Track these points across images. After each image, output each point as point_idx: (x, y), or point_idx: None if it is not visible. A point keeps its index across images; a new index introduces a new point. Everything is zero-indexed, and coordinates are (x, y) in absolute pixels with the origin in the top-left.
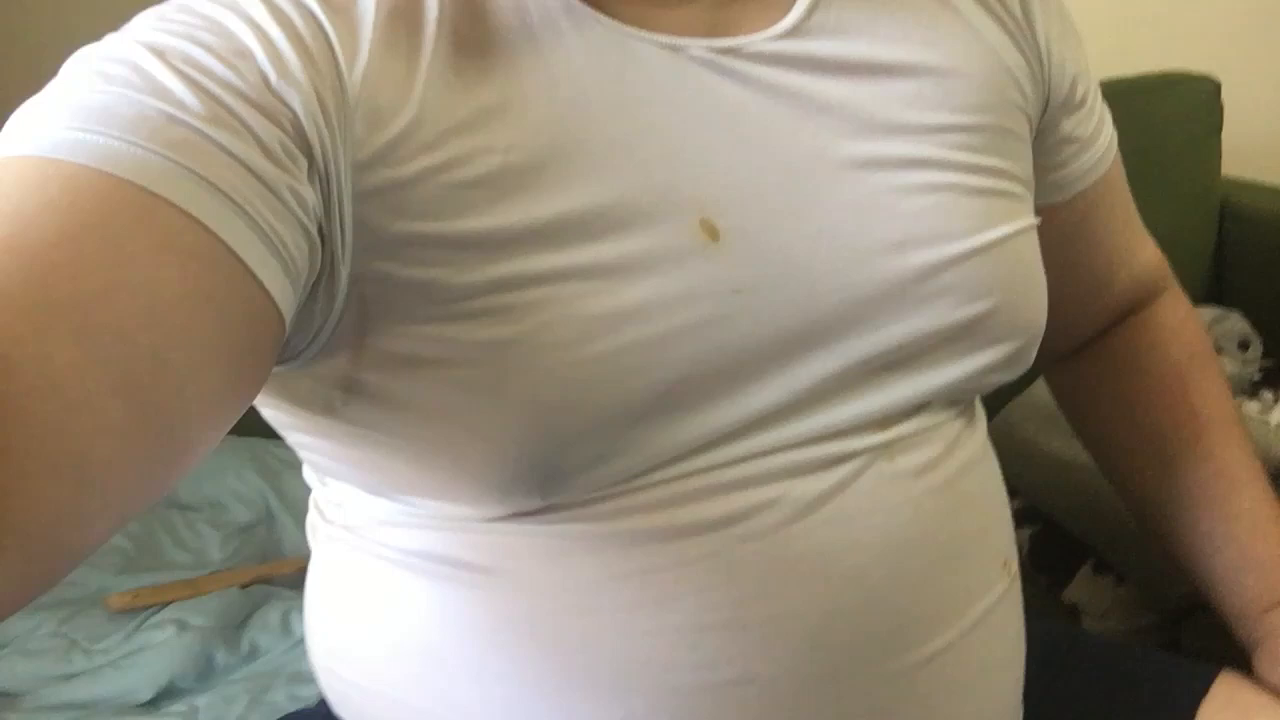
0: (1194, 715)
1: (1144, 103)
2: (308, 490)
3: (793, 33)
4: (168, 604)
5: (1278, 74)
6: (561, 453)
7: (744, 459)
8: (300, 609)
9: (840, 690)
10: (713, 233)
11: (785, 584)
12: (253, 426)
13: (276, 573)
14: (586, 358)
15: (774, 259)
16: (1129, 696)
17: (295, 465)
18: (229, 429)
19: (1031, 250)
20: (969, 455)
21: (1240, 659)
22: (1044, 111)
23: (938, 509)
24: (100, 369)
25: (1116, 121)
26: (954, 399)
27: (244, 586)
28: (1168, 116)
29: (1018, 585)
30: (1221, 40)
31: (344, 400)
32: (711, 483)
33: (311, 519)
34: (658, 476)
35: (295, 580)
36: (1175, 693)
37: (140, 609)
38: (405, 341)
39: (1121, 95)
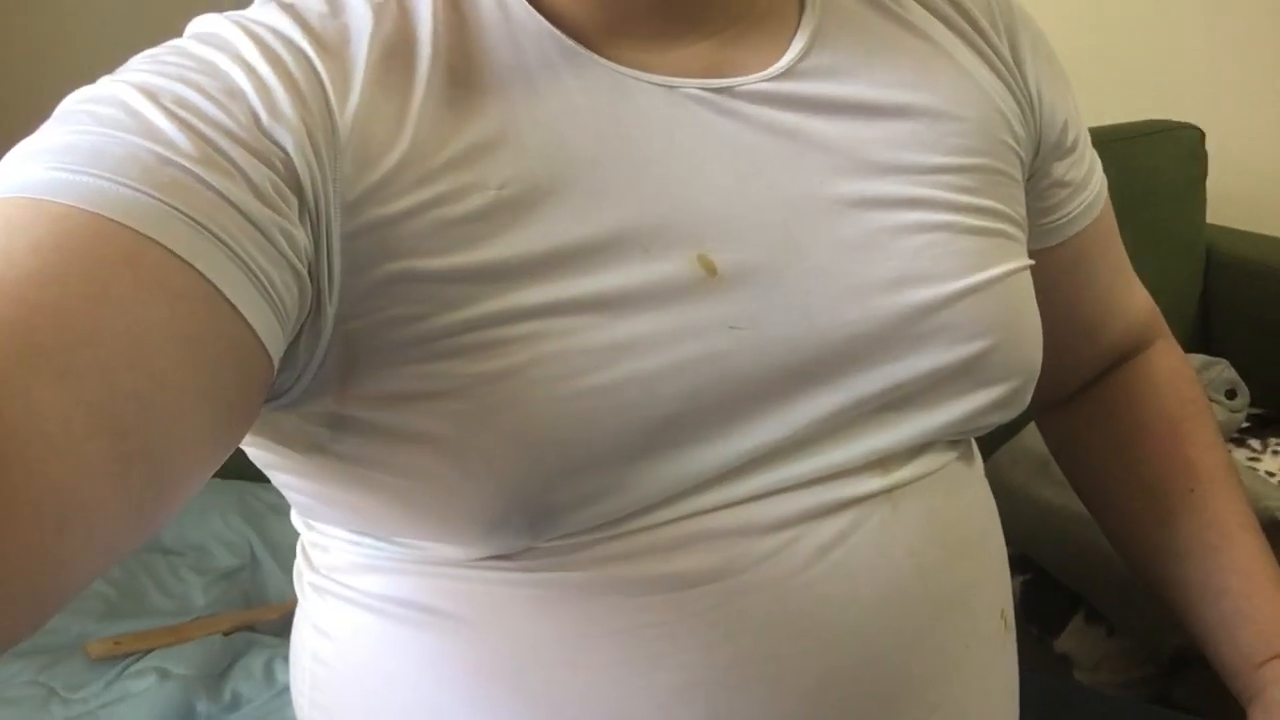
0: None
1: (1128, 151)
2: (294, 535)
3: (786, 75)
4: (150, 651)
5: (1259, 123)
6: (553, 489)
7: (741, 502)
8: (283, 657)
9: None
10: (710, 268)
11: (783, 641)
12: (238, 470)
13: (260, 619)
14: (579, 392)
15: (771, 295)
16: None
17: (281, 509)
18: (215, 471)
19: (1027, 290)
20: (970, 499)
21: (1235, 714)
22: (1036, 154)
23: (939, 561)
24: (84, 411)
25: (1102, 170)
26: (954, 440)
27: (226, 634)
28: (1152, 165)
29: (1013, 636)
30: (1204, 90)
31: (331, 437)
32: (709, 528)
33: (298, 565)
34: (651, 520)
35: (279, 627)
36: None
37: (122, 656)
38: (393, 378)
39: (1106, 144)
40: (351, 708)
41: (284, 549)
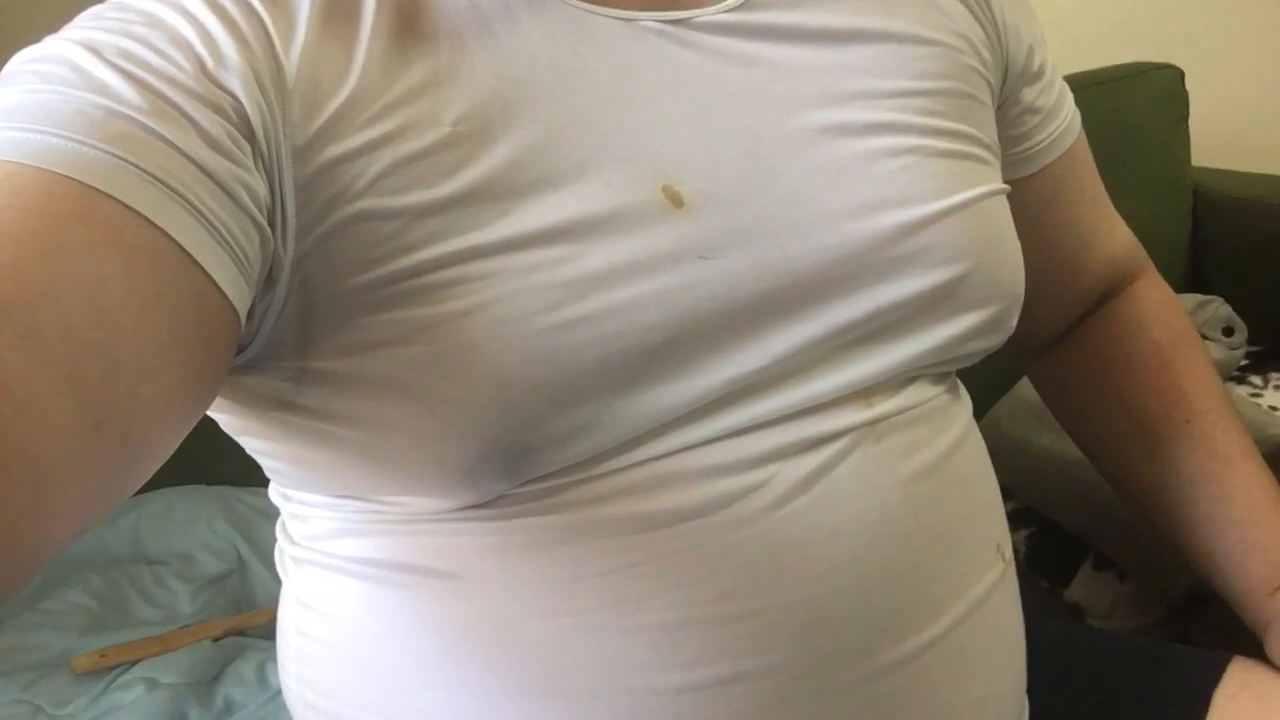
0: (1209, 702)
1: (1110, 95)
2: None
3: (745, 5)
4: (137, 662)
5: (1237, 62)
6: (527, 429)
7: (722, 437)
8: (276, 659)
9: (832, 685)
10: (676, 199)
11: (770, 575)
12: (221, 475)
13: (250, 624)
14: (548, 328)
15: (742, 224)
16: (1141, 687)
17: (267, 514)
18: (188, 430)
19: (1003, 214)
20: (957, 434)
21: (1252, 647)
22: (1004, 80)
23: (927, 492)
24: (47, 369)
25: (1084, 116)
26: (939, 371)
27: (216, 640)
28: (1134, 107)
29: (1013, 571)
30: (1181, 29)
31: (296, 391)
32: (688, 466)
33: (278, 545)
34: (626, 460)
35: (269, 631)
36: (1188, 680)
37: (108, 669)
38: (354, 325)
39: (1087, 89)
40: (340, 678)
41: (272, 553)
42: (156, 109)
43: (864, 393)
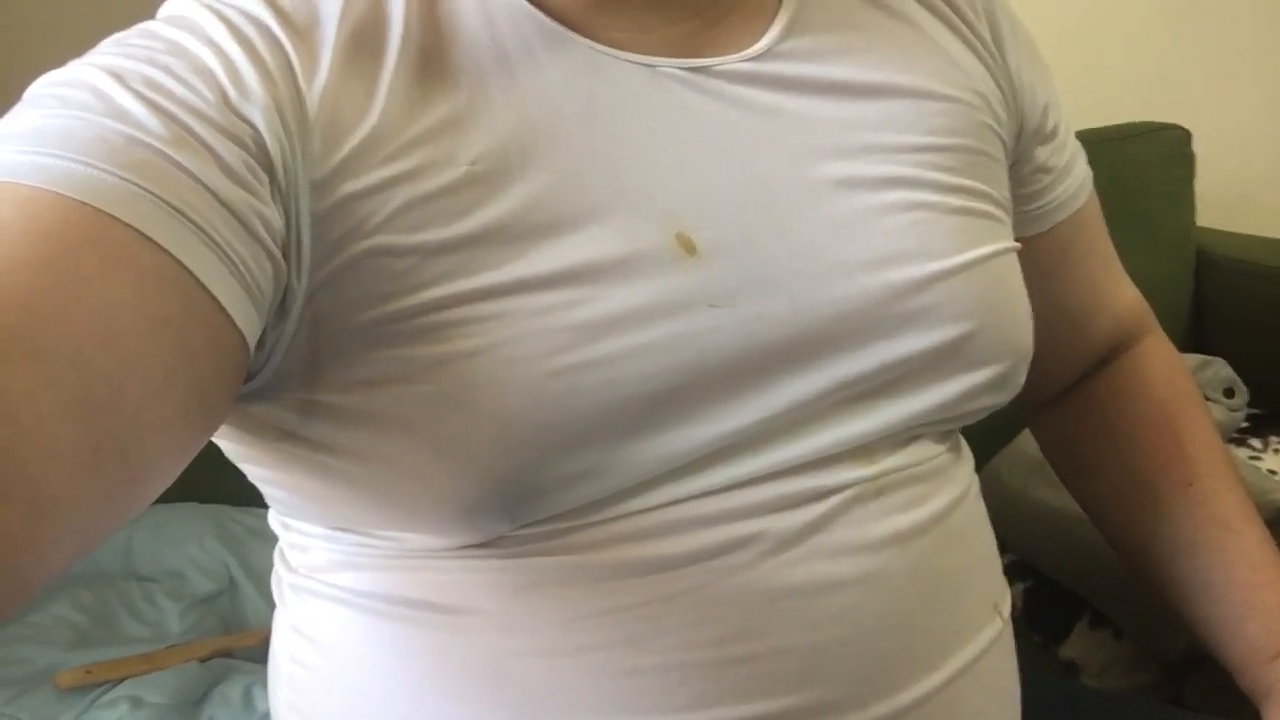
0: None
1: (1116, 153)
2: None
3: (765, 56)
4: (122, 680)
5: (1244, 124)
6: (531, 471)
7: (724, 489)
8: (262, 683)
9: None
10: (689, 247)
11: (768, 621)
12: (216, 494)
13: (238, 645)
14: (556, 370)
15: (753, 273)
16: None
17: (261, 534)
18: (192, 456)
19: (1013, 272)
20: (957, 492)
21: (1248, 713)
22: (1018, 139)
23: (926, 547)
24: (53, 393)
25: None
26: (943, 428)
27: (203, 660)
28: (1140, 166)
29: (1010, 630)
30: (1189, 91)
31: (300, 422)
32: (689, 515)
33: (276, 571)
34: (633, 505)
35: (258, 653)
36: None
37: (93, 686)
38: (362, 360)
39: (1093, 146)
40: (332, 707)
41: (264, 574)
42: (177, 138)
43: (866, 449)
